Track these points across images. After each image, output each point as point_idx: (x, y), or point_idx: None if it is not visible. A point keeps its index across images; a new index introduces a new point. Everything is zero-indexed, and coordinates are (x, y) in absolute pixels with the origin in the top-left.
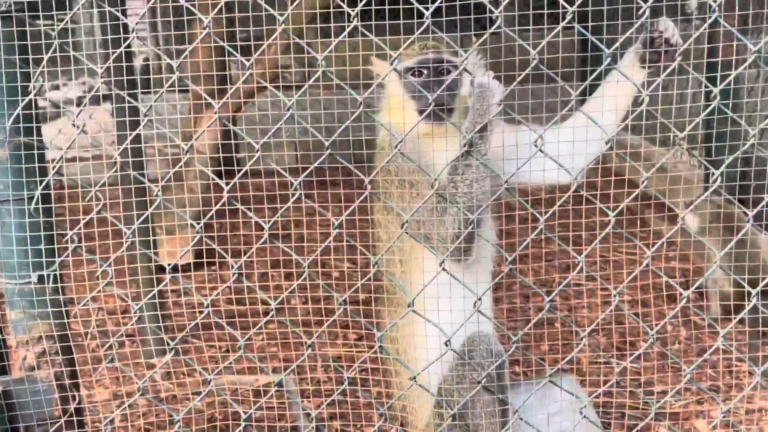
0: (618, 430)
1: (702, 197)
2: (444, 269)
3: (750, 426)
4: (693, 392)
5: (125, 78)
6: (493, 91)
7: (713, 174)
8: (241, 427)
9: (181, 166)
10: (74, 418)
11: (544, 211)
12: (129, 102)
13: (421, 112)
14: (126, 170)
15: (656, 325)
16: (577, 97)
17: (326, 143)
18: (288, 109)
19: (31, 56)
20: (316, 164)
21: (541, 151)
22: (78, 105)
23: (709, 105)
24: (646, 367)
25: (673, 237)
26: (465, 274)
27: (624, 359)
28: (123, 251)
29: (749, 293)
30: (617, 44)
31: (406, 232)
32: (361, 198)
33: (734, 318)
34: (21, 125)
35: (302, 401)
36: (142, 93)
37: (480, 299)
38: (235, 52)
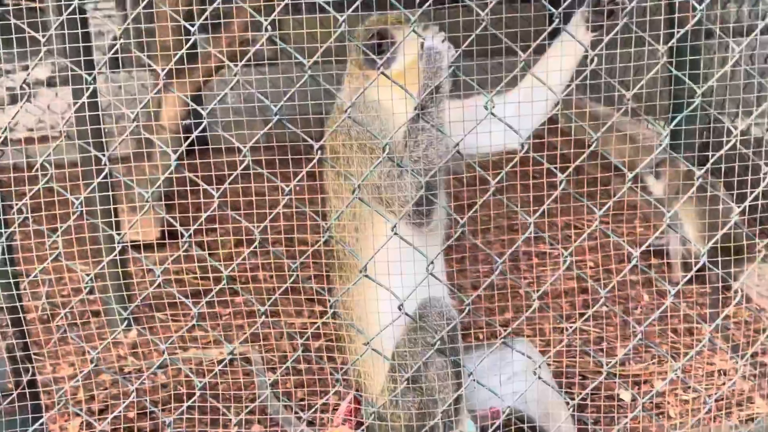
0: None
1: (652, 157)
2: (396, 233)
3: (708, 386)
4: (652, 354)
5: (66, 42)
6: (442, 53)
7: (663, 134)
8: (195, 396)
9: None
10: (26, 391)
11: (495, 173)
12: (72, 69)
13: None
14: (85, 148)
15: (606, 287)
16: (529, 58)
17: (274, 109)
18: (235, 75)
19: None
20: (263, 131)
21: (492, 114)
22: (48, 86)
23: (671, 70)
24: (607, 332)
25: (636, 203)
26: (418, 238)
27: (585, 324)
28: (71, 222)
29: (696, 254)
30: (565, 4)
31: (359, 198)
32: (311, 164)
33: (694, 280)
34: None
35: (265, 372)
36: (111, 72)
37: (432, 263)
38: (187, 25)
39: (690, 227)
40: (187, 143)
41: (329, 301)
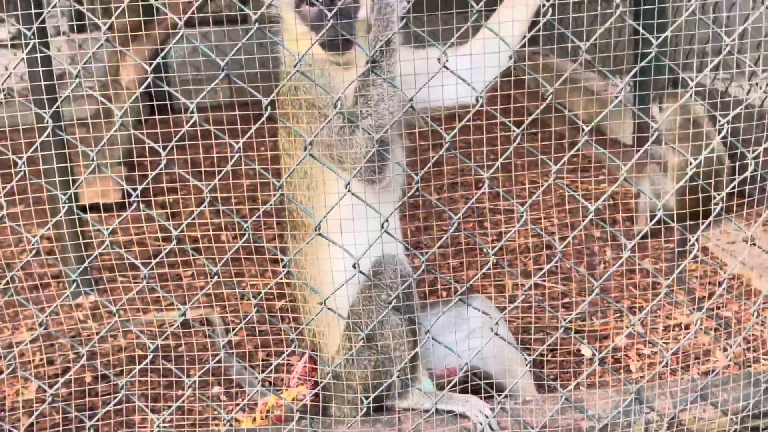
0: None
1: (607, 110)
2: (349, 191)
3: (667, 341)
4: (614, 310)
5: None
6: (393, 5)
7: (618, 85)
8: (148, 359)
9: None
10: None
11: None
12: (13, 23)
13: (322, 44)
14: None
15: (570, 245)
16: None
17: (221, 64)
18: (179, 28)
19: None
20: (211, 87)
21: (445, 67)
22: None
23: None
24: (569, 288)
25: (602, 159)
26: (371, 195)
27: (546, 280)
28: (14, 183)
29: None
30: None
31: (311, 155)
32: (260, 121)
33: (649, 235)
34: None
35: (225, 333)
36: (75, 34)
37: (387, 221)
38: None
39: (669, 179)
40: (133, 98)
41: (282, 260)
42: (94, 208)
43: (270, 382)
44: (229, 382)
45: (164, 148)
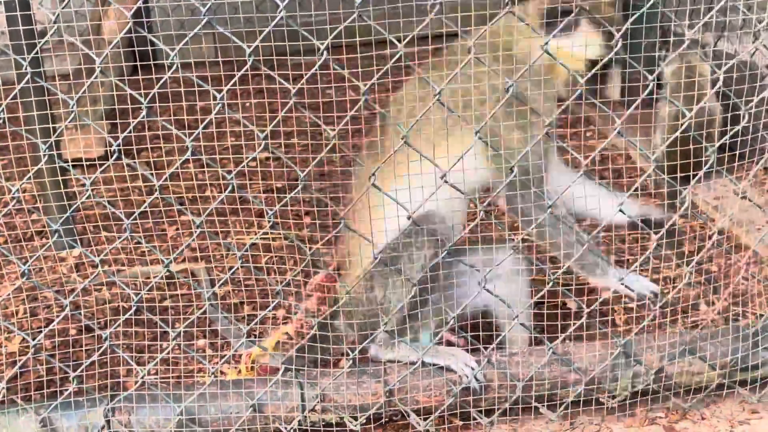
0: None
1: (596, 68)
2: (407, 144)
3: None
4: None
5: None
6: None
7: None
8: (132, 311)
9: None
10: None
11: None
12: None
13: None
14: (21, 67)
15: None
16: None
17: (203, 10)
18: None
19: None
20: (194, 32)
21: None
22: None
23: None
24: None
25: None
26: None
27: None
28: None
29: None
30: None
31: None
32: (243, 69)
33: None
34: None
35: (211, 287)
36: None
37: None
38: None
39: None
40: (114, 44)
41: (267, 213)
42: (77, 165)
43: (255, 335)
44: (214, 335)
45: (145, 96)
